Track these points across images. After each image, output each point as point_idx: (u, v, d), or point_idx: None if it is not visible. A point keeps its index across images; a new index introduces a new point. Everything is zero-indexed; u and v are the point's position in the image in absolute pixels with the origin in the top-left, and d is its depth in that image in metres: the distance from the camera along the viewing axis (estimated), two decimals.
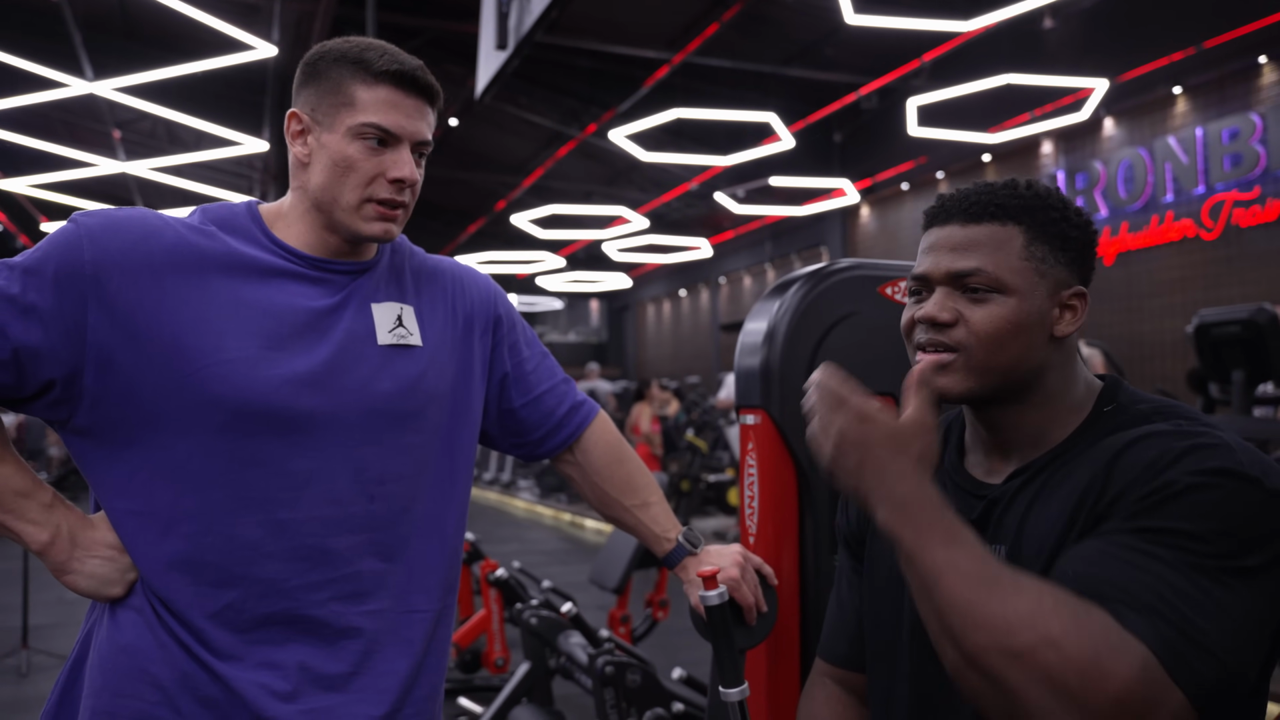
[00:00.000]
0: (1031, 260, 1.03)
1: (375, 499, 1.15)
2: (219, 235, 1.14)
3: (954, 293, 1.05)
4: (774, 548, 1.55)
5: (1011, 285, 1.02)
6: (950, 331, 1.04)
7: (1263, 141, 8.82)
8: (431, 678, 1.22)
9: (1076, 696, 0.81)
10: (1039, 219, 1.04)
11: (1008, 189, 1.06)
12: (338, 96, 1.13)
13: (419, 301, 1.25)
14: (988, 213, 1.04)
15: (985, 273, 1.02)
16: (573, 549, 8.54)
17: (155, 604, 1.09)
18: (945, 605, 0.87)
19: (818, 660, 1.30)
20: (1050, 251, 1.04)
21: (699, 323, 20.59)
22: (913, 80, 11.28)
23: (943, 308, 1.04)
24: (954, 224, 1.06)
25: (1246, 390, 4.17)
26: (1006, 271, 1.02)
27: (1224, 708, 0.90)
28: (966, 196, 1.07)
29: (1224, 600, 0.85)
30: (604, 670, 2.38)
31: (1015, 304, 1.02)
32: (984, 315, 1.02)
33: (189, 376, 1.06)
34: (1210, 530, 0.87)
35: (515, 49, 3.65)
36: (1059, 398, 1.06)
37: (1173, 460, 0.91)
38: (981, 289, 1.03)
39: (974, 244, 1.04)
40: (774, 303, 1.63)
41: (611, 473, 1.43)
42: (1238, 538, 0.87)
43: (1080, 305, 1.06)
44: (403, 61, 1.14)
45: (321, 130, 1.15)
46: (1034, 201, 1.05)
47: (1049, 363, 1.05)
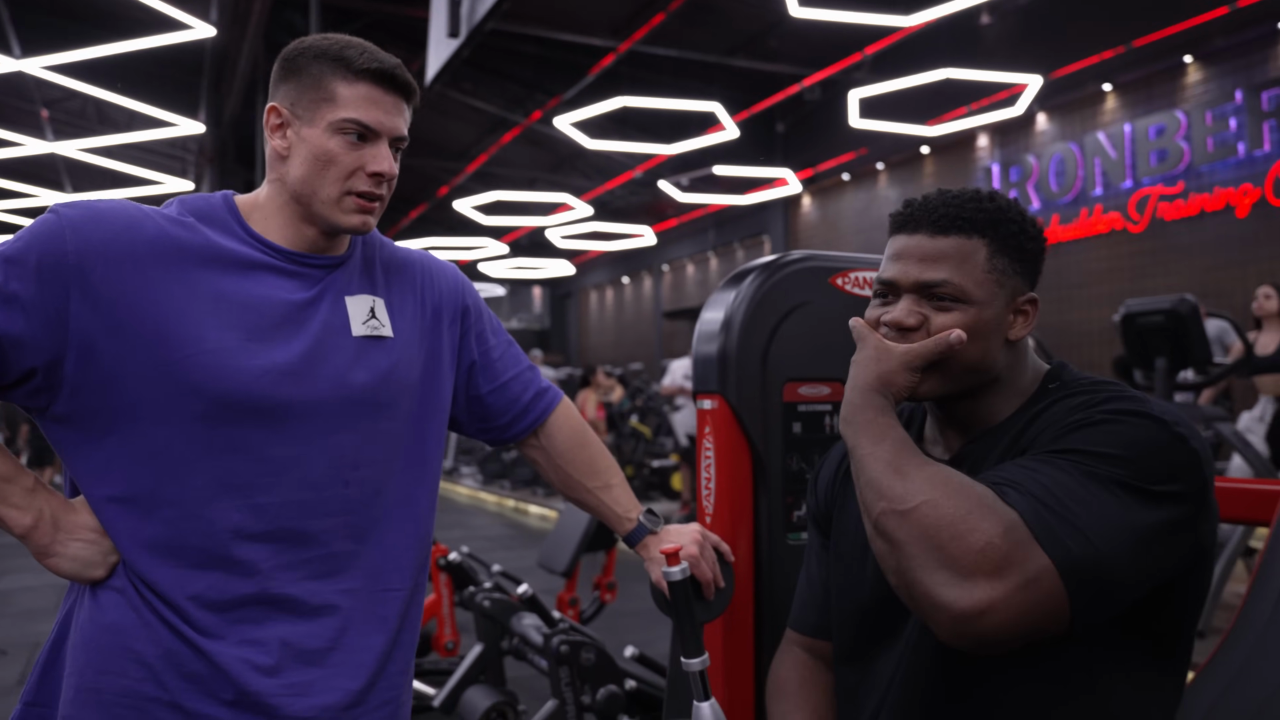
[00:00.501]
0: (994, 272, 1.11)
1: (350, 484, 1.19)
2: (198, 227, 1.16)
3: (920, 300, 1.12)
4: (730, 526, 1.62)
5: (975, 296, 1.10)
6: (913, 336, 1.12)
7: (1187, 138, 9.16)
8: (405, 653, 1.27)
9: (945, 547, 0.92)
10: (1001, 232, 1.12)
11: (974, 202, 1.13)
12: (319, 92, 1.17)
13: (389, 293, 1.29)
14: (955, 225, 1.12)
15: (952, 284, 1.10)
16: (516, 535, 8.56)
17: (138, 584, 1.12)
18: (864, 484, 1.03)
19: (788, 631, 1.39)
20: (1010, 263, 1.13)
21: (642, 310, 20.67)
22: (854, 73, 11.46)
23: (909, 313, 1.12)
24: (922, 234, 1.13)
25: (1169, 376, 4.38)
26: (971, 284, 1.10)
27: (1114, 635, 1.01)
28: (935, 208, 1.14)
29: (1107, 502, 0.95)
30: (559, 649, 2.43)
31: (976, 313, 1.10)
32: (947, 322, 1.10)
33: (171, 366, 1.09)
34: (1111, 453, 0.97)
35: (467, 37, 3.66)
36: (1010, 385, 1.15)
37: (1092, 405, 1.02)
38: (947, 299, 1.10)
39: (942, 256, 1.11)
40: (730, 293, 1.70)
41: (575, 456, 1.48)
42: (1136, 465, 0.97)
43: (1032, 310, 1.15)
44: (382, 60, 1.18)
45: (301, 124, 1.18)
46: (997, 215, 1.13)
47: (1004, 362, 1.14)
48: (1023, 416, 1.12)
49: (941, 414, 1.19)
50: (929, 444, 1.22)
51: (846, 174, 13.83)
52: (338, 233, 1.22)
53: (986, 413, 1.15)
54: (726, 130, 10.76)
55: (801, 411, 1.68)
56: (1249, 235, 8.66)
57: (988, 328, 1.10)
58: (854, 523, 1.25)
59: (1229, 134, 8.83)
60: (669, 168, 14.43)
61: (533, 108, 13.14)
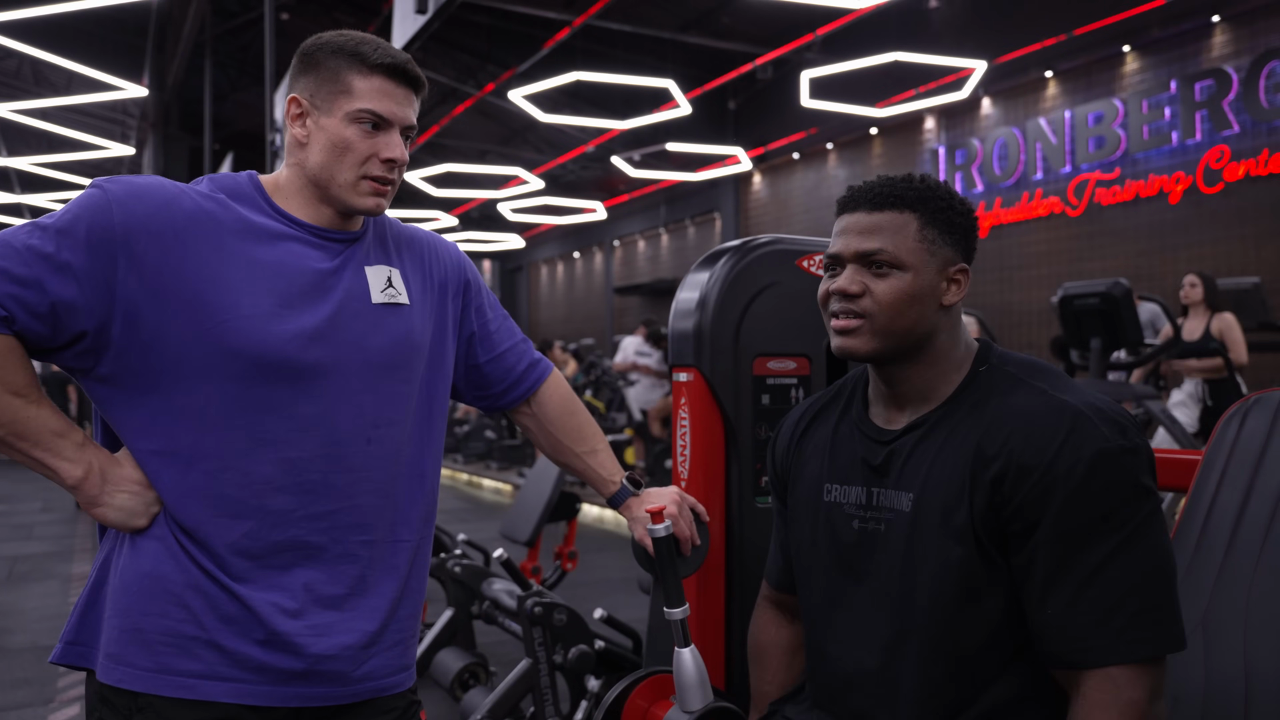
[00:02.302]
0: (924, 242, 1.26)
1: (371, 441, 1.29)
2: (229, 203, 1.25)
3: (861, 269, 1.26)
4: (705, 490, 1.75)
5: (908, 262, 1.25)
6: (859, 301, 1.26)
7: (1124, 126, 9.49)
8: (413, 598, 1.38)
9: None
10: (930, 207, 1.27)
11: (905, 182, 1.28)
12: (336, 85, 1.27)
13: (403, 265, 1.40)
14: (888, 202, 1.27)
15: (887, 252, 1.25)
16: (472, 508, 8.64)
17: (177, 533, 1.21)
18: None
19: (764, 584, 1.53)
20: (940, 234, 1.27)
21: (592, 285, 20.71)
22: (806, 53, 11.61)
23: (852, 281, 1.26)
24: (861, 211, 1.28)
25: (1103, 356, 4.61)
26: (904, 251, 1.25)
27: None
28: (872, 189, 1.29)
29: (1144, 559, 1.12)
30: (533, 611, 2.55)
31: (911, 278, 1.24)
32: (886, 287, 1.24)
33: (210, 330, 1.18)
34: (1107, 512, 1.12)
35: (435, 12, 3.70)
36: (945, 357, 1.29)
37: (1055, 453, 1.14)
38: (885, 265, 1.25)
39: (878, 228, 1.26)
40: (705, 273, 1.82)
41: (564, 423, 1.59)
42: (1129, 503, 1.12)
43: (963, 279, 1.29)
44: (394, 56, 1.29)
45: (320, 115, 1.28)
46: (926, 193, 1.28)
47: (938, 326, 1.27)
48: (958, 406, 1.25)
49: (882, 383, 1.32)
50: (872, 413, 1.35)
51: (797, 153, 14.01)
52: (353, 214, 1.31)
53: (925, 387, 1.28)
54: (679, 107, 10.85)
55: (770, 384, 1.81)
56: (1180, 221, 9.03)
57: (922, 291, 1.24)
58: (806, 487, 1.39)
59: (1164, 123, 9.17)
60: (621, 143, 14.48)
61: (485, 80, 13.07)
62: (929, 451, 1.25)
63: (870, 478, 1.30)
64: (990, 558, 1.18)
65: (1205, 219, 8.84)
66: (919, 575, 1.21)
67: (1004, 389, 1.23)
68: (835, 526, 1.33)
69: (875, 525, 1.28)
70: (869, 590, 1.27)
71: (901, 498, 1.25)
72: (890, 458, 1.28)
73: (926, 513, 1.21)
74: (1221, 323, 5.53)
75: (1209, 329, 5.52)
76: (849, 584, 1.30)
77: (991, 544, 1.18)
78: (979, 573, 1.18)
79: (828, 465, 1.37)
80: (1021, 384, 1.23)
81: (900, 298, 1.24)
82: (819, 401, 1.47)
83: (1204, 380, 5.59)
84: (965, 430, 1.22)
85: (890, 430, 1.30)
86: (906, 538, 1.23)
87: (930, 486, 1.22)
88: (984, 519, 1.17)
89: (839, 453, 1.36)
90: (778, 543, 1.50)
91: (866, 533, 1.29)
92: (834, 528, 1.33)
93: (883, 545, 1.26)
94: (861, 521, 1.30)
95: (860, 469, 1.32)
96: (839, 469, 1.35)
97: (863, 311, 1.25)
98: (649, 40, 12.17)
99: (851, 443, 1.35)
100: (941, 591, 1.19)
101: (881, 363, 1.29)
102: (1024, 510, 1.15)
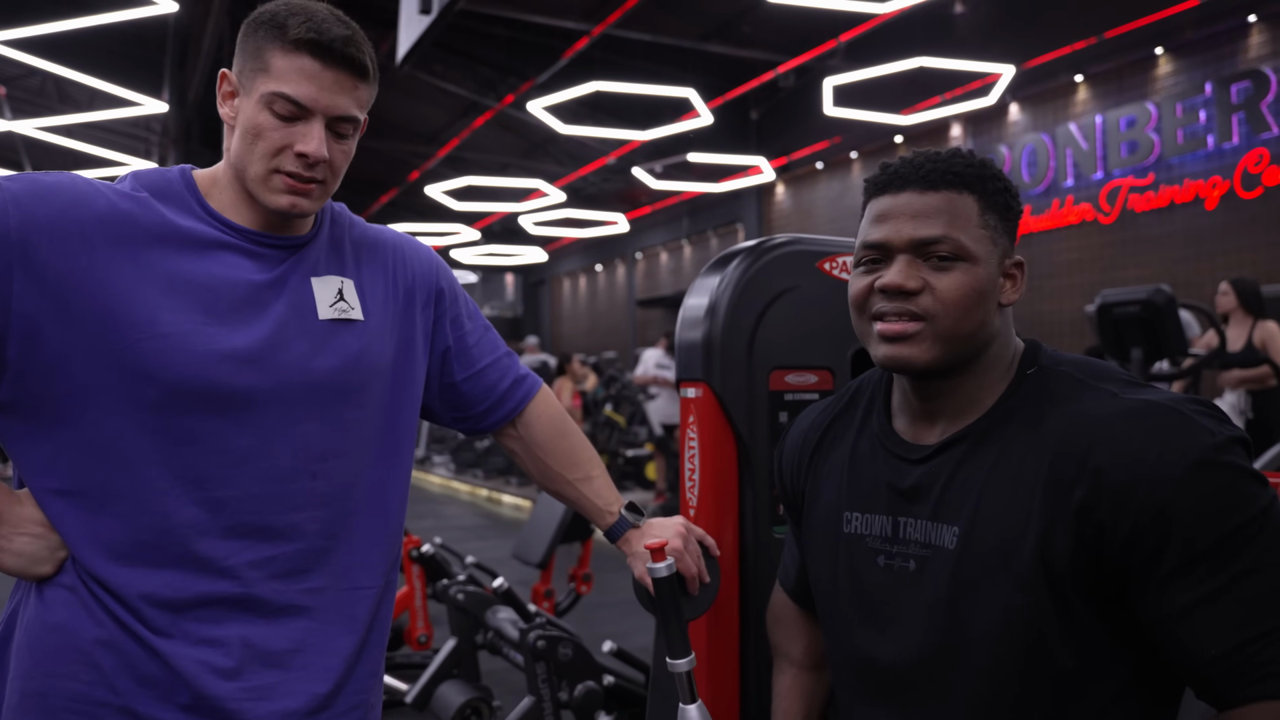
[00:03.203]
0: (986, 229, 1.05)
1: (318, 476, 1.13)
2: (152, 203, 1.09)
3: (916, 260, 1.04)
4: (715, 520, 1.57)
5: (973, 252, 1.03)
6: (917, 300, 1.03)
7: (1157, 130, 9.23)
8: (374, 654, 1.20)
9: None
10: (989, 188, 1.06)
11: (960, 158, 1.07)
12: (257, 61, 1.09)
13: (359, 274, 1.22)
14: (945, 180, 1.05)
15: (951, 239, 1.02)
16: (490, 524, 8.49)
17: (88, 581, 1.05)
18: None
19: (778, 583, 1.37)
20: (999, 220, 1.06)
21: (615, 298, 20.58)
22: (829, 60, 11.43)
23: (909, 275, 1.03)
24: (910, 191, 1.05)
25: (1144, 367, 4.38)
26: (969, 239, 1.03)
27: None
28: (922, 164, 1.07)
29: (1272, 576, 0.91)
30: (536, 645, 2.37)
31: (978, 271, 1.03)
32: (951, 283, 1.02)
33: (121, 351, 1.02)
34: (1243, 520, 0.91)
35: (440, 13, 3.56)
36: (996, 364, 1.08)
37: (1156, 463, 0.92)
38: (948, 256, 1.03)
39: (936, 211, 1.04)
40: (715, 277, 1.64)
41: (554, 446, 1.42)
42: (1256, 498, 0.91)
43: (1020, 274, 1.09)
44: (323, 30, 1.08)
45: (242, 95, 1.11)
46: (983, 171, 1.06)
47: (997, 329, 1.07)
48: (1005, 418, 1.04)
49: (916, 397, 1.10)
50: (896, 424, 1.13)
51: (820, 162, 13.81)
52: (273, 213, 1.14)
53: (965, 399, 1.07)
54: (700, 117, 10.70)
55: (788, 400, 1.63)
56: (1217, 227, 8.74)
57: (988, 288, 1.03)
58: (823, 515, 1.19)
59: (1199, 126, 8.90)
60: (642, 154, 14.35)
61: (505, 91, 12.99)
62: (976, 474, 1.03)
63: (896, 504, 1.09)
64: (1068, 606, 0.96)
65: (1244, 225, 8.55)
66: (968, 629, 1.00)
67: (1064, 395, 1.02)
68: (857, 564, 1.12)
69: (903, 563, 1.07)
70: (895, 642, 1.06)
71: (942, 532, 1.04)
72: (923, 481, 1.06)
73: (978, 552, 1.00)
74: (1264, 331, 5.28)
75: (1251, 339, 5.28)
76: (874, 634, 1.09)
77: (1074, 590, 0.96)
78: (1050, 626, 0.97)
79: (846, 489, 1.16)
80: (1085, 387, 1.02)
81: (969, 295, 1.02)
82: (830, 410, 1.25)
83: (1247, 392, 5.34)
84: (1022, 448, 1.01)
85: (921, 446, 1.08)
86: (950, 580, 1.02)
87: (982, 520, 1.01)
88: (1068, 560, 0.96)
89: (859, 474, 1.15)
90: (794, 555, 1.31)
91: (893, 571, 1.08)
92: (856, 565, 1.12)
93: (913, 586, 1.05)
94: (888, 558, 1.09)
95: (885, 494, 1.11)
96: (860, 494, 1.14)
97: (923, 312, 1.03)
98: (669, 50, 12.04)
99: (874, 462, 1.13)
100: (1000, 649, 0.98)
101: (930, 375, 1.07)
102: (1139, 541, 0.92)
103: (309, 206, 1.13)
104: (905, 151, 1.10)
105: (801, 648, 1.31)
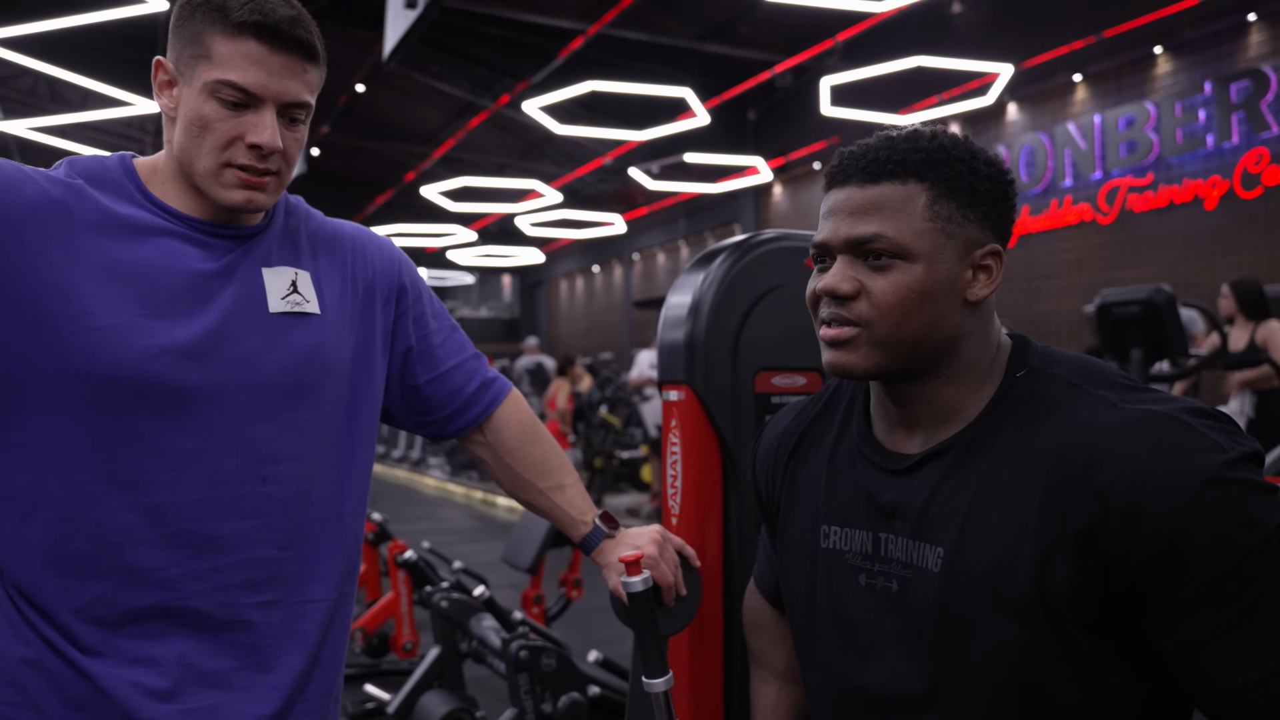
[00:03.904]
0: (937, 220, 0.95)
1: (268, 480, 1.06)
2: (87, 190, 1.02)
3: (855, 261, 0.96)
4: (697, 528, 1.50)
5: (915, 250, 0.94)
6: (852, 305, 0.95)
7: (1156, 129, 9.17)
8: (327, 673, 1.13)
9: None
10: (943, 174, 0.96)
11: (909, 142, 0.97)
12: (197, 47, 1.02)
13: (316, 266, 1.15)
14: (886, 171, 0.96)
15: (885, 238, 0.94)
16: (484, 527, 8.42)
17: (15, 598, 0.99)
18: None
19: (751, 582, 1.28)
20: (958, 209, 0.95)
21: (612, 299, 20.52)
22: (826, 60, 11.37)
23: (844, 279, 0.95)
24: (852, 185, 0.98)
25: (1144, 368, 4.32)
26: (909, 235, 0.94)
27: None
28: (865, 154, 0.98)
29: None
30: (518, 655, 2.30)
31: (920, 270, 0.94)
32: (886, 285, 0.94)
33: (51, 346, 0.95)
34: (1261, 540, 0.83)
35: (425, 8, 3.49)
36: (974, 367, 0.98)
37: (1165, 481, 0.84)
38: (884, 255, 0.94)
39: (873, 206, 0.95)
40: (698, 275, 1.57)
41: (524, 453, 1.35)
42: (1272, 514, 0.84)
43: (996, 265, 0.98)
44: (267, 11, 1.01)
45: (183, 84, 1.03)
46: (937, 155, 0.96)
47: (964, 330, 0.97)
48: (994, 427, 0.95)
49: (890, 403, 1.02)
50: (880, 437, 1.04)
51: (818, 163, 13.75)
52: (224, 208, 1.07)
53: (945, 406, 0.98)
54: (697, 117, 10.64)
55: (775, 403, 1.56)
56: (1217, 227, 8.68)
57: (936, 287, 0.94)
58: (799, 527, 1.10)
59: (1198, 126, 8.84)
60: (639, 155, 14.29)
61: (501, 91, 12.93)
62: (963, 490, 0.94)
63: (877, 519, 1.01)
64: (1068, 638, 0.88)
65: (1244, 224, 8.49)
66: (958, 661, 0.92)
67: (1060, 402, 0.93)
68: (837, 582, 1.04)
69: (885, 582, 0.99)
70: (878, 670, 0.98)
71: (926, 552, 0.95)
72: (903, 494, 0.98)
73: (965, 577, 0.92)
74: (1266, 331, 5.21)
75: (1254, 339, 5.22)
76: (855, 659, 1.01)
77: (1074, 620, 0.88)
78: (1049, 662, 0.88)
79: (824, 501, 1.07)
80: (1082, 393, 0.93)
81: (906, 297, 0.93)
82: (808, 412, 1.16)
83: (1251, 393, 5.27)
84: (1014, 461, 0.92)
85: (902, 455, 1.00)
86: (937, 607, 0.93)
87: (970, 541, 0.92)
88: (1068, 588, 0.87)
89: (838, 485, 1.06)
90: (769, 558, 1.23)
91: (875, 591, 1.00)
92: (835, 584, 1.04)
93: (897, 610, 0.97)
94: (869, 576, 1.00)
95: (864, 508, 1.02)
96: (838, 506, 1.05)
97: (857, 318, 0.95)
98: (665, 49, 11.98)
99: (853, 471, 1.05)
100: (993, 682, 0.90)
101: (888, 380, 0.99)
102: (1151, 569, 0.84)
103: (265, 201, 1.06)
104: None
105: (785, 658, 1.22)
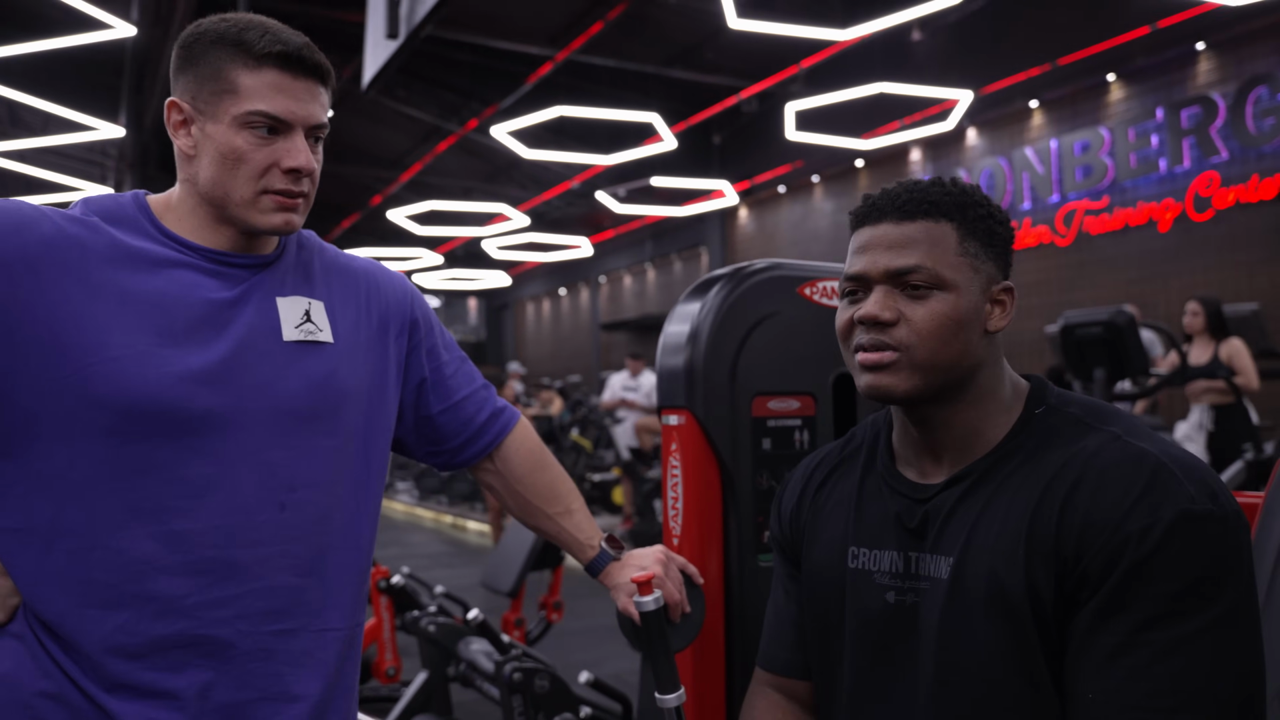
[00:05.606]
0: (966, 256, 1.05)
1: (286, 507, 1.08)
2: (103, 227, 1.05)
3: (893, 291, 1.05)
4: (699, 549, 1.55)
5: (950, 281, 1.04)
6: (892, 331, 1.04)
7: (1111, 154, 9.43)
8: (345, 702, 1.16)
9: None
10: (969, 215, 1.06)
11: (938, 187, 1.08)
12: (219, 83, 1.06)
13: (330, 297, 1.19)
14: (921, 210, 1.06)
15: (925, 269, 1.03)
16: (456, 552, 8.38)
17: (38, 630, 1.00)
18: None
19: (757, 670, 1.28)
20: (981, 247, 1.06)
21: (579, 322, 20.54)
22: (790, 86, 11.56)
23: (884, 306, 1.04)
24: (888, 222, 1.07)
25: (1107, 387, 4.44)
26: (945, 267, 1.04)
27: None
28: (898, 195, 1.08)
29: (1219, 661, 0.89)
30: (512, 677, 2.33)
31: (955, 300, 1.03)
32: (925, 313, 1.03)
33: (70, 377, 0.98)
34: (1182, 590, 0.90)
35: (406, 39, 3.54)
36: (990, 395, 1.08)
37: (1128, 510, 0.93)
38: (922, 286, 1.03)
39: (911, 241, 1.05)
40: (695, 303, 1.63)
41: (534, 480, 1.39)
42: (1211, 583, 0.90)
43: (1009, 300, 1.09)
44: (286, 41, 1.06)
45: (205, 120, 1.07)
46: (963, 199, 1.07)
47: (983, 358, 1.07)
48: (1014, 449, 1.05)
49: (915, 429, 1.10)
50: (900, 466, 1.13)
51: (783, 186, 13.93)
52: (259, 234, 1.12)
53: (967, 432, 1.07)
54: (664, 141, 10.75)
55: (771, 427, 1.62)
56: (1171, 249, 8.93)
57: (966, 316, 1.04)
58: (825, 550, 1.17)
59: (1151, 150, 9.10)
60: (606, 179, 14.38)
61: (468, 116, 12.96)
62: (972, 507, 1.03)
63: (906, 540, 1.08)
64: (1052, 642, 0.96)
65: (1196, 246, 8.74)
66: (958, 661, 1.00)
67: (1068, 435, 1.02)
68: (863, 599, 1.10)
69: (913, 598, 1.06)
70: (907, 679, 1.05)
71: (939, 563, 1.03)
72: (929, 517, 1.06)
73: (967, 582, 1.00)
74: (1230, 349, 5.39)
75: (1216, 355, 5.38)
76: (882, 670, 1.08)
77: (1055, 624, 0.96)
78: (1036, 661, 0.96)
79: (853, 524, 1.14)
80: (1088, 429, 1.02)
81: (944, 324, 1.03)
82: (831, 457, 1.24)
83: (1210, 407, 5.43)
84: (1018, 482, 1.01)
85: (928, 485, 1.09)
86: (942, 611, 1.02)
87: (973, 550, 1.01)
88: (1045, 593, 0.96)
89: (868, 510, 1.14)
90: (782, 617, 1.25)
91: (904, 607, 1.07)
92: (862, 600, 1.11)
93: (920, 621, 1.05)
94: (898, 594, 1.08)
95: (894, 530, 1.10)
96: (867, 529, 1.13)
97: (897, 343, 1.04)
98: (632, 75, 12.10)
99: (880, 499, 1.13)
100: (988, 685, 0.98)
101: (918, 404, 1.07)
102: (1089, 578, 0.94)
103: (299, 222, 1.11)
104: (866, 175, 1.12)
105: None
